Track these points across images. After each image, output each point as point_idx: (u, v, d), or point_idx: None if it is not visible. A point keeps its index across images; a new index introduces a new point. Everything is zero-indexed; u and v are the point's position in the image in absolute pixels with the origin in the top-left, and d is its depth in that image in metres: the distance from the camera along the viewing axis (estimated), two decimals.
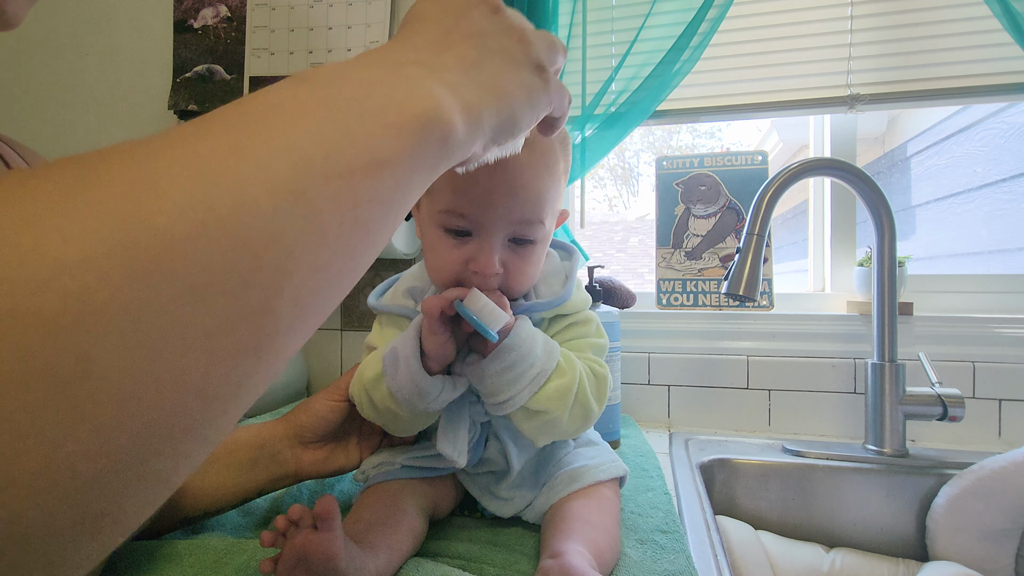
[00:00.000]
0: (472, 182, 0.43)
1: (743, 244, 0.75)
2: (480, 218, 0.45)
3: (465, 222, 0.45)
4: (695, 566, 0.46)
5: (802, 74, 0.95)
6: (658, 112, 0.98)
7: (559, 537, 0.43)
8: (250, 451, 0.50)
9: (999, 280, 0.94)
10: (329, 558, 0.34)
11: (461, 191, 0.44)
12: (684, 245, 1.02)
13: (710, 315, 0.98)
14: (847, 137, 1.01)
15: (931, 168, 1.40)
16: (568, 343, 0.51)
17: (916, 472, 0.75)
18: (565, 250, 0.58)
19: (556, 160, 0.46)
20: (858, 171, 0.76)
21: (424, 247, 0.50)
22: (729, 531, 0.72)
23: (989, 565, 0.66)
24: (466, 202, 0.44)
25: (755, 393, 0.95)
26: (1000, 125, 1.23)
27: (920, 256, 1.33)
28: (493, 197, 0.44)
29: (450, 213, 0.45)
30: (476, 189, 0.44)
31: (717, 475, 0.80)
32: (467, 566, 0.45)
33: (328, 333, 1.14)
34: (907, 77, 0.91)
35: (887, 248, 0.77)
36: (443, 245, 0.46)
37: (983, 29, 0.86)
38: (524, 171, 0.44)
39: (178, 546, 0.45)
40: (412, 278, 0.54)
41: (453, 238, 0.46)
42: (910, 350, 0.86)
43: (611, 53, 1.00)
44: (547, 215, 0.46)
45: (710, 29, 0.90)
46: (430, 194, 0.46)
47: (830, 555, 0.73)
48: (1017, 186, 1.16)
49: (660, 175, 1.05)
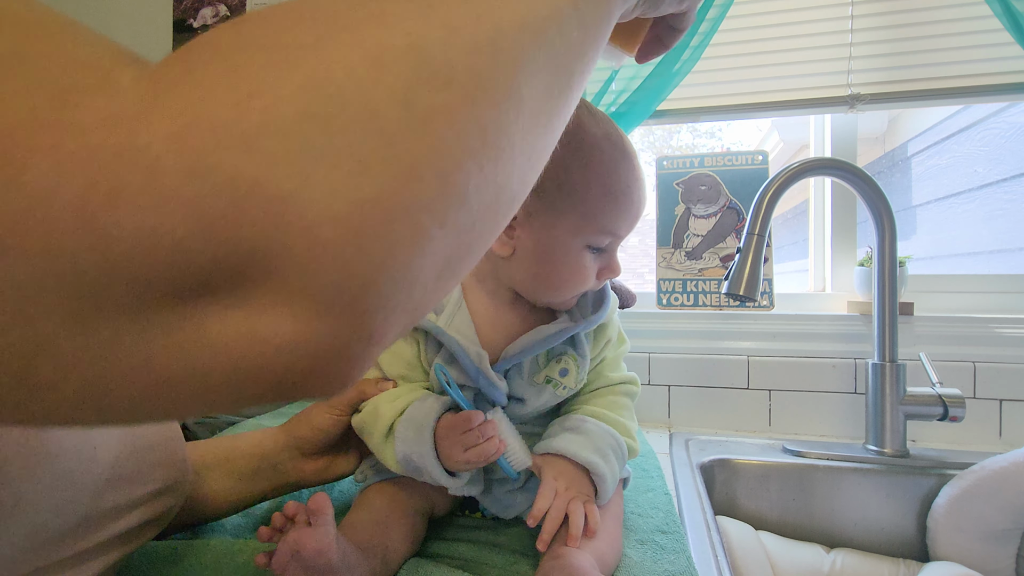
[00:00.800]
0: (630, 202, 0.46)
1: (743, 244, 0.75)
2: (624, 232, 0.48)
3: (612, 238, 0.47)
4: (695, 566, 0.46)
5: (802, 74, 0.95)
6: (658, 112, 0.98)
7: (561, 539, 0.43)
8: (251, 461, 0.50)
9: (1000, 280, 0.94)
10: (320, 552, 0.35)
11: (623, 212, 0.46)
12: (684, 245, 1.02)
13: (710, 315, 0.97)
14: (848, 137, 1.01)
15: (932, 168, 1.40)
16: (607, 361, 0.54)
17: (917, 472, 0.75)
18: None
19: None
20: (859, 171, 0.76)
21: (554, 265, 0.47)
22: (729, 531, 0.72)
23: (990, 565, 0.66)
24: (625, 221, 0.47)
25: (755, 393, 0.95)
26: (1000, 125, 1.23)
27: (921, 256, 1.33)
28: (640, 212, 0.47)
29: (605, 233, 0.46)
30: (632, 209, 0.46)
31: (717, 475, 0.80)
32: (467, 567, 0.45)
33: None
34: (907, 77, 0.91)
35: (888, 248, 0.77)
36: (586, 262, 0.47)
37: (983, 29, 0.86)
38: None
39: (178, 546, 0.45)
40: None
41: (593, 253, 0.47)
42: (911, 350, 0.86)
43: None
44: None
45: (710, 29, 0.90)
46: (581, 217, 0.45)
47: (830, 555, 0.73)
48: (1017, 186, 1.16)
49: (660, 175, 1.05)
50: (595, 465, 0.46)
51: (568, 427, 0.49)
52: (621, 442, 0.49)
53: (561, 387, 0.50)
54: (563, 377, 0.50)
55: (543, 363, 0.51)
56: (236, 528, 0.53)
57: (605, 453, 0.47)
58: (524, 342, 0.48)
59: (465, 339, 0.49)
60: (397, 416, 0.47)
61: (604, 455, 0.47)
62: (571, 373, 0.51)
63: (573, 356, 0.51)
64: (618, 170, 0.45)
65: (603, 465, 0.46)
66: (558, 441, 0.47)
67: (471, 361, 0.48)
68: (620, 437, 0.49)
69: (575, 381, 0.51)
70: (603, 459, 0.46)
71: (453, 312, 0.51)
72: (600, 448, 0.47)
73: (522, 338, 0.49)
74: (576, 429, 0.48)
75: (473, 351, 0.48)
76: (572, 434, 0.48)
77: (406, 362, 0.52)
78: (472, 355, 0.48)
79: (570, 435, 0.48)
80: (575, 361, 0.51)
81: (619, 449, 0.48)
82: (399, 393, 0.50)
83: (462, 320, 0.50)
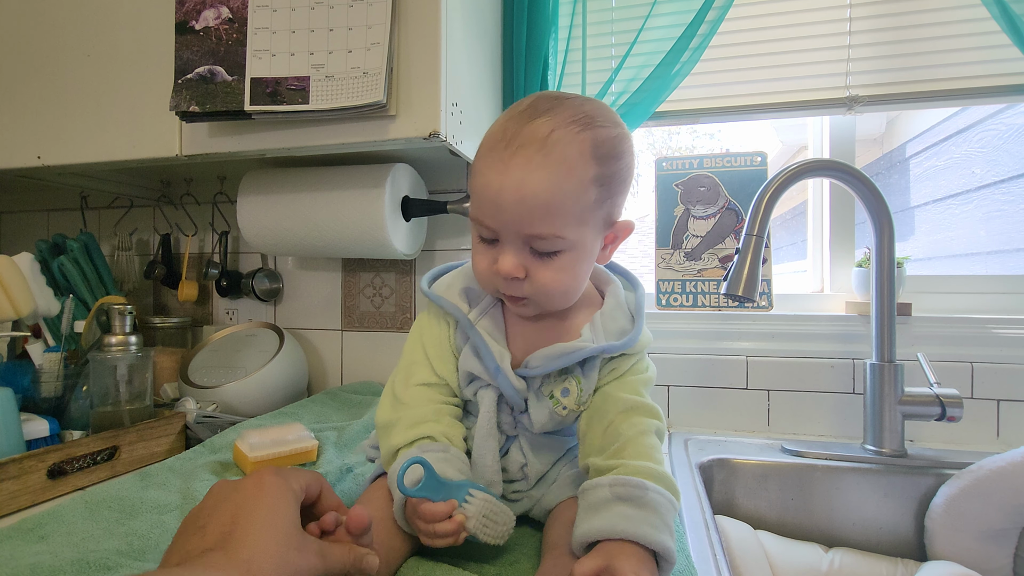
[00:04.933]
0: (484, 187, 0.43)
1: (742, 245, 0.75)
2: (493, 224, 0.44)
3: (487, 230, 0.45)
4: (695, 565, 0.46)
5: (801, 75, 0.95)
6: (658, 113, 0.98)
7: (563, 536, 0.43)
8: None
9: (997, 281, 0.94)
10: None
11: (479, 198, 0.45)
12: (683, 246, 1.03)
13: (709, 316, 0.98)
14: (846, 138, 1.02)
15: (930, 169, 1.40)
16: (621, 380, 0.50)
17: (914, 472, 0.75)
18: (627, 279, 0.55)
19: (581, 168, 0.43)
20: (857, 172, 0.77)
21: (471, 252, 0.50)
22: (728, 531, 0.72)
23: (987, 565, 0.66)
24: (481, 209, 0.45)
25: (754, 393, 0.95)
26: (998, 126, 1.23)
27: (918, 257, 1.33)
28: (500, 203, 0.43)
29: (476, 220, 0.46)
30: (487, 194, 0.43)
31: (716, 475, 0.80)
32: (467, 566, 0.45)
33: (328, 333, 1.14)
34: (906, 79, 0.91)
35: (886, 249, 0.77)
36: (477, 250, 0.47)
37: (982, 31, 0.87)
38: (531, 178, 0.42)
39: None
40: (470, 278, 0.53)
41: (484, 243, 0.47)
42: (909, 350, 0.86)
43: (611, 55, 1.00)
44: (566, 226, 0.43)
45: (709, 31, 0.90)
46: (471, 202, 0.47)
47: (829, 555, 0.73)
48: (1015, 187, 1.16)
49: (659, 176, 1.05)
50: (669, 552, 0.38)
51: (623, 496, 0.40)
52: (676, 503, 0.42)
53: (560, 406, 0.50)
54: (564, 397, 0.49)
55: (554, 378, 0.50)
56: None
57: (672, 529, 0.40)
58: (542, 355, 0.48)
59: (490, 336, 0.49)
60: (404, 447, 0.47)
61: (672, 531, 0.40)
62: (572, 394, 0.49)
63: (578, 378, 0.50)
64: (484, 159, 0.44)
65: (673, 547, 0.39)
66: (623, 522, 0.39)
67: (493, 358, 0.48)
68: (673, 499, 0.42)
69: (575, 403, 0.50)
70: (672, 537, 0.40)
71: (487, 308, 0.51)
72: (668, 525, 0.40)
73: (541, 350, 0.49)
74: (637, 500, 0.40)
75: (496, 349, 0.49)
76: (634, 509, 0.40)
77: (437, 341, 0.52)
78: (495, 353, 0.48)
79: (631, 510, 0.40)
80: (578, 383, 0.50)
81: (673, 511, 0.42)
82: (421, 416, 0.49)
83: (495, 318, 0.51)
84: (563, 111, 0.43)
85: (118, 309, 0.76)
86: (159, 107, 0.81)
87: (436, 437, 0.47)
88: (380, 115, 0.72)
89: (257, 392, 0.93)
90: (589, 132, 0.43)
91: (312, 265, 1.16)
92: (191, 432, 0.80)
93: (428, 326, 0.54)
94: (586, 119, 0.44)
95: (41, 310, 0.76)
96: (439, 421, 0.49)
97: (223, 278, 1.14)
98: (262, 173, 0.96)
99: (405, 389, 0.51)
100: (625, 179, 0.47)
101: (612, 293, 0.52)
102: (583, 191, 0.43)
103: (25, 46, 0.88)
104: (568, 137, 0.42)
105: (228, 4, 0.74)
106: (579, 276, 0.47)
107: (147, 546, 0.47)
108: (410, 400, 0.50)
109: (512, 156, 0.42)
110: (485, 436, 0.50)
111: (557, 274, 0.45)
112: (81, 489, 0.63)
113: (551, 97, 0.45)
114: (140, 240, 1.25)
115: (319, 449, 0.71)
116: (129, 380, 0.75)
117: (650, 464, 0.43)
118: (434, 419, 0.49)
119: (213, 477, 0.62)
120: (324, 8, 0.71)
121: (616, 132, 0.45)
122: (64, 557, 0.43)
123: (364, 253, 0.93)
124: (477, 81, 0.87)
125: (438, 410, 0.50)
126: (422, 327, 0.54)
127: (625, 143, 0.46)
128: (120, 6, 0.84)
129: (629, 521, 0.39)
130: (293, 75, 0.72)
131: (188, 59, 0.75)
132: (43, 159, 0.87)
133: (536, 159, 0.41)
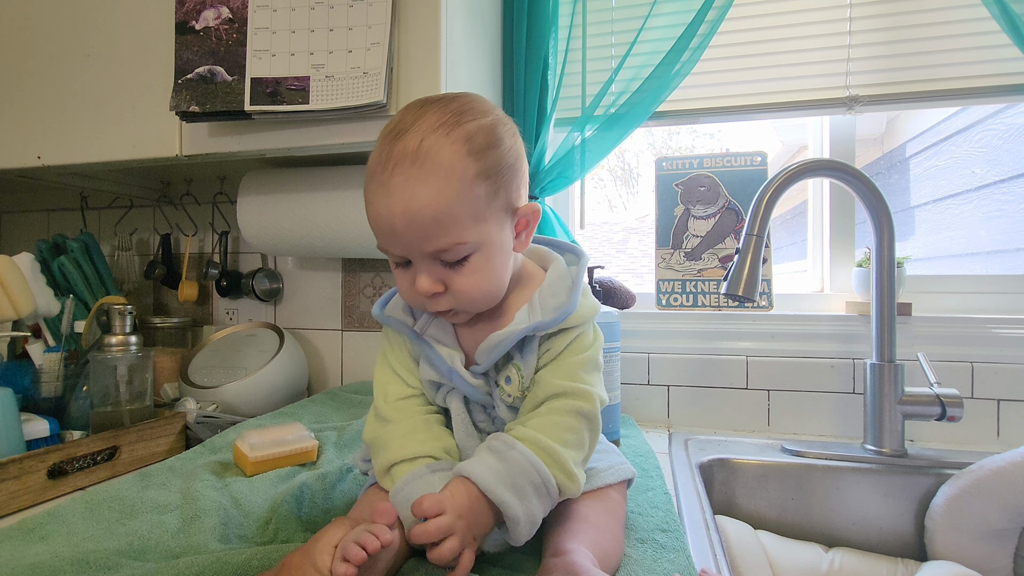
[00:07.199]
0: (376, 216, 0.43)
1: (742, 245, 0.75)
2: (396, 250, 0.44)
3: (393, 255, 0.46)
4: (695, 565, 0.46)
5: (801, 75, 0.95)
6: (658, 113, 0.98)
7: (564, 536, 0.43)
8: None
9: (997, 281, 0.94)
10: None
11: (375, 228, 0.44)
12: (684, 246, 1.03)
13: (709, 315, 0.98)
14: (846, 138, 1.02)
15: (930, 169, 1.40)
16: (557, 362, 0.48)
17: (915, 472, 0.75)
18: (573, 253, 0.55)
19: (460, 169, 0.42)
20: (857, 172, 0.77)
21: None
22: (728, 531, 0.72)
23: (987, 565, 0.66)
24: (381, 237, 0.45)
25: (754, 393, 0.95)
26: (999, 126, 1.23)
27: (919, 257, 1.33)
28: (394, 229, 0.42)
29: (382, 249, 0.46)
30: (380, 223, 0.43)
31: (716, 475, 0.80)
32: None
33: (329, 333, 1.14)
34: (906, 79, 0.91)
35: (886, 249, 0.77)
36: (396, 274, 0.48)
37: (982, 31, 0.87)
38: (414, 196, 0.41)
39: (177, 548, 0.45)
40: None
41: (400, 267, 0.47)
42: (909, 350, 0.86)
43: (611, 55, 1.00)
44: (464, 231, 0.43)
45: (709, 31, 0.90)
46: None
47: (829, 555, 0.73)
48: (1016, 187, 1.16)
49: (660, 176, 1.05)
50: (509, 507, 0.40)
51: (493, 448, 0.43)
52: (549, 480, 0.42)
53: (506, 395, 0.49)
54: (508, 385, 0.49)
55: (501, 367, 0.50)
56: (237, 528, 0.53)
57: (524, 491, 0.41)
58: (482, 348, 0.48)
59: (437, 341, 0.50)
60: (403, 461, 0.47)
61: (522, 494, 0.41)
62: (514, 381, 0.49)
63: (517, 364, 0.49)
64: (369, 188, 0.44)
65: (518, 507, 0.40)
66: (474, 464, 0.42)
67: (444, 362, 0.49)
68: (548, 473, 0.42)
69: (519, 389, 0.49)
70: (520, 499, 0.41)
71: (432, 316, 0.51)
72: (518, 485, 0.41)
73: (483, 343, 0.48)
74: (499, 453, 0.43)
75: (446, 352, 0.49)
76: (493, 457, 0.42)
77: (400, 357, 0.54)
78: (445, 355, 0.49)
79: (490, 458, 0.42)
80: (518, 369, 0.49)
81: (544, 488, 0.42)
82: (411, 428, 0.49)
83: (441, 322, 0.51)
84: (428, 117, 0.43)
85: (118, 309, 0.76)
86: (159, 107, 0.81)
87: (438, 455, 0.48)
88: (380, 115, 0.72)
89: (257, 392, 0.93)
90: (458, 130, 0.42)
91: (312, 265, 1.16)
92: (191, 432, 0.80)
93: (389, 345, 0.55)
94: (452, 118, 0.43)
95: (41, 310, 0.76)
96: (430, 430, 0.50)
97: (223, 278, 1.14)
98: (262, 173, 0.96)
99: (386, 406, 0.51)
100: (512, 164, 0.46)
101: (553, 268, 0.51)
102: (469, 191, 0.42)
103: (25, 46, 0.88)
104: (438, 143, 0.42)
105: (228, 4, 0.74)
106: (497, 273, 0.46)
107: (147, 546, 0.47)
108: (395, 416, 0.50)
109: (391, 178, 0.42)
110: (464, 437, 0.50)
111: (473, 278, 0.45)
112: (81, 489, 0.64)
113: (416, 107, 0.45)
114: (140, 240, 1.25)
115: (319, 449, 0.71)
116: (129, 380, 0.75)
117: (535, 433, 0.44)
118: (425, 430, 0.49)
119: (213, 477, 0.62)
120: (324, 8, 0.71)
121: (488, 120, 0.44)
122: (64, 557, 0.43)
123: (364, 253, 0.93)
124: (477, 81, 0.87)
125: (426, 420, 0.50)
126: (384, 349, 0.55)
127: (500, 128, 0.45)
128: (120, 6, 0.84)
129: (480, 464, 0.41)
130: (293, 75, 0.72)
131: (188, 59, 0.75)
132: (43, 159, 0.87)
133: (413, 175, 0.41)
